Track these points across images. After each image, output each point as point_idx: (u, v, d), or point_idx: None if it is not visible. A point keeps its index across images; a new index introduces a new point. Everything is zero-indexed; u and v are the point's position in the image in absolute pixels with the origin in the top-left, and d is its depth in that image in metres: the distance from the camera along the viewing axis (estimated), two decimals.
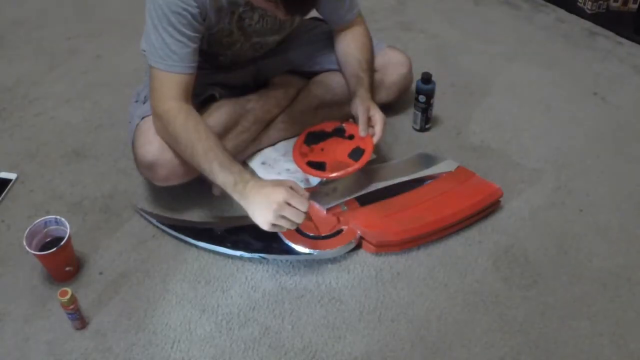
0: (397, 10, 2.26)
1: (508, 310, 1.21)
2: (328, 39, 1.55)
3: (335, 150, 1.38)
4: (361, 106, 1.35)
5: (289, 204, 1.13)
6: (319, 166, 1.35)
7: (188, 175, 1.34)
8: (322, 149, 1.39)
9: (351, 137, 1.40)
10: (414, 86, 1.62)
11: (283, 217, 1.13)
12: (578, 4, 2.22)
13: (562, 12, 2.24)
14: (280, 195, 1.13)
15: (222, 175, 1.18)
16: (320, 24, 1.60)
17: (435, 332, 1.17)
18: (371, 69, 1.47)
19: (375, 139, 1.35)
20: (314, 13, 1.46)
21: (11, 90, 1.84)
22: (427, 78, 1.57)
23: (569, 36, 2.10)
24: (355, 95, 1.39)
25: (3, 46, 2.07)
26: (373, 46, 1.51)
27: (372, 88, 1.44)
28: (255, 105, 1.49)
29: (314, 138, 1.41)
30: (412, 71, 1.60)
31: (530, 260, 1.31)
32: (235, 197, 1.18)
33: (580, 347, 1.15)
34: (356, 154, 1.35)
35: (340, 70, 1.51)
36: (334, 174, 1.32)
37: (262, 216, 1.15)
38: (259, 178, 1.21)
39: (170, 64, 1.22)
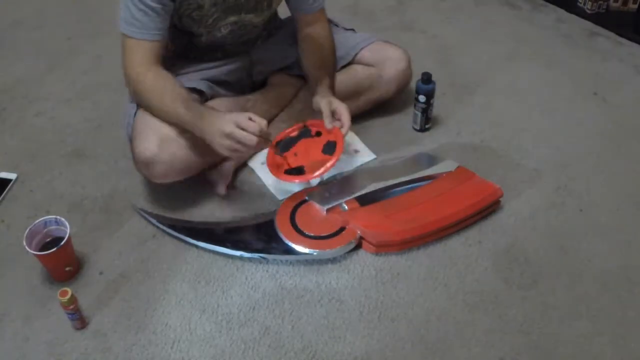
0: (397, 10, 2.26)
1: (508, 310, 1.21)
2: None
3: (309, 151, 1.39)
4: (322, 100, 1.38)
5: (241, 128, 1.18)
6: (298, 171, 1.35)
7: (185, 172, 1.35)
8: (295, 154, 1.39)
9: (319, 133, 1.41)
10: (413, 86, 1.62)
11: (237, 141, 1.18)
12: (578, 4, 2.22)
13: (562, 12, 2.24)
14: (230, 119, 1.19)
15: (188, 116, 1.25)
16: None
17: (435, 332, 1.17)
18: (330, 66, 1.49)
19: (344, 130, 1.36)
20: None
21: (11, 90, 1.83)
22: (427, 78, 1.57)
23: (569, 36, 2.10)
24: (316, 93, 1.42)
25: (3, 46, 2.07)
26: (334, 42, 1.53)
27: (333, 84, 1.47)
28: (253, 104, 1.49)
29: (284, 146, 1.41)
30: (410, 66, 1.61)
31: (530, 260, 1.31)
32: (199, 133, 1.25)
33: (580, 347, 1.15)
34: (329, 148, 1.36)
35: (302, 66, 1.53)
36: (315, 174, 1.32)
37: (217, 142, 1.20)
38: (218, 112, 1.26)
39: (133, 31, 1.28)
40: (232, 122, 1.19)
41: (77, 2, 2.33)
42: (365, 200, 1.37)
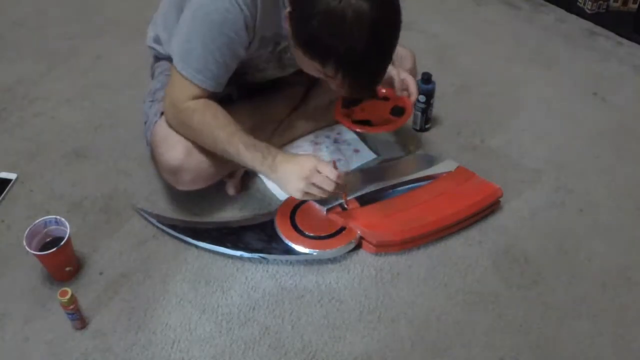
0: None
1: (508, 310, 1.21)
2: None
3: (377, 109, 1.41)
4: (393, 70, 1.38)
5: (319, 172, 1.17)
6: (365, 123, 1.37)
7: (212, 179, 1.34)
8: (363, 109, 1.42)
9: (386, 98, 1.43)
10: None
11: (314, 185, 1.17)
12: (578, 4, 2.22)
13: (562, 12, 2.24)
14: (310, 163, 1.17)
15: (249, 154, 1.20)
16: None
17: (435, 332, 1.17)
18: None
19: (412, 98, 1.38)
20: None
21: (11, 90, 1.83)
22: (427, 78, 1.57)
23: (569, 36, 2.10)
24: None
25: (3, 46, 2.06)
26: None
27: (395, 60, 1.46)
28: (268, 105, 1.49)
29: (351, 101, 1.43)
30: (416, 64, 1.61)
31: (530, 260, 1.31)
32: (265, 171, 1.21)
33: (580, 347, 1.15)
34: (397, 111, 1.39)
35: None
36: (384, 127, 1.36)
37: (294, 184, 1.18)
38: (285, 152, 1.24)
39: (201, 79, 1.20)
40: (311, 166, 1.17)
41: (77, 2, 2.33)
42: (365, 200, 1.37)
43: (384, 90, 1.43)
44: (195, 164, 1.29)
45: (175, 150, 1.27)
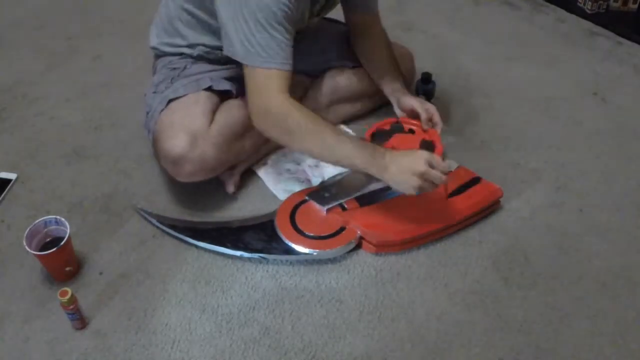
0: (397, 10, 2.26)
1: (508, 310, 1.21)
2: (332, 38, 1.55)
3: (406, 144, 1.42)
4: (414, 101, 1.42)
5: (431, 166, 1.18)
6: None
7: (213, 172, 1.34)
8: (394, 147, 1.41)
9: (411, 131, 1.43)
10: (413, 86, 1.62)
11: (427, 180, 1.18)
12: (578, 4, 2.22)
13: (562, 12, 2.24)
14: (422, 159, 1.18)
15: (359, 154, 1.20)
16: (324, 24, 1.60)
17: (435, 332, 1.17)
18: (398, 65, 1.54)
19: (438, 129, 1.40)
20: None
21: (11, 90, 1.83)
22: (427, 78, 1.57)
23: (569, 36, 2.10)
24: (398, 92, 1.46)
25: (3, 46, 2.07)
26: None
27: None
28: None
29: (379, 138, 1.44)
30: (414, 65, 1.62)
31: (530, 260, 1.31)
32: (376, 172, 1.21)
33: (580, 347, 1.15)
34: (427, 146, 1.40)
35: (365, 66, 1.55)
36: None
37: (410, 182, 1.18)
38: (395, 150, 1.24)
39: (280, 62, 1.20)
40: (425, 161, 1.17)
41: (77, 2, 2.33)
42: (365, 200, 1.37)
43: (406, 122, 1.44)
44: (198, 154, 1.28)
45: (179, 139, 1.27)
